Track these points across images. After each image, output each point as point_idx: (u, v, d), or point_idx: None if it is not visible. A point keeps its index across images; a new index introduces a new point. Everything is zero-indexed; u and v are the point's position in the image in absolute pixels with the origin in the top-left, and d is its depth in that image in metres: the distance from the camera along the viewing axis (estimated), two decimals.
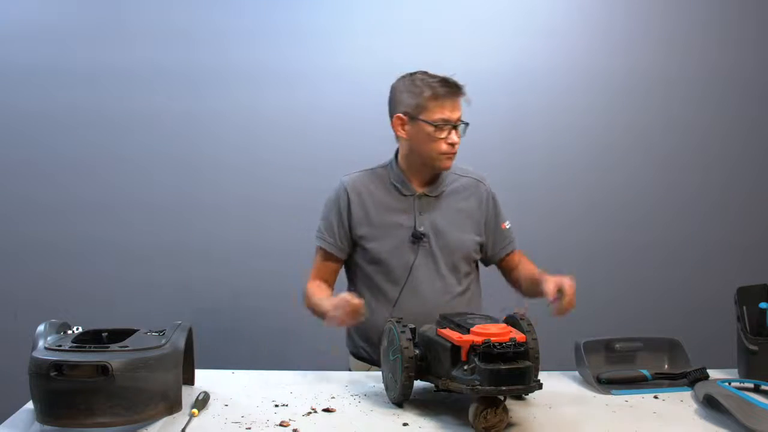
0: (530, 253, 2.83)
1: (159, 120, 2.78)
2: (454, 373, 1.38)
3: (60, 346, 1.35)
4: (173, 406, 1.40)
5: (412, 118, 1.82)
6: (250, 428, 1.36)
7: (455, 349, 1.38)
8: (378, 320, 1.77)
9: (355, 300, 1.62)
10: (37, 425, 1.33)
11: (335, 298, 1.69)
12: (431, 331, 1.49)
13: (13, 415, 1.43)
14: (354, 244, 1.90)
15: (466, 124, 1.83)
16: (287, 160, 2.78)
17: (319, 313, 1.77)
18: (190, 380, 1.60)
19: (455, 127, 1.80)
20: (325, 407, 1.49)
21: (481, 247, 1.94)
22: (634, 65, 2.87)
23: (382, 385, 1.59)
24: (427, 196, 1.88)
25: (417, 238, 1.84)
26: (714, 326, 2.87)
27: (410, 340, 1.46)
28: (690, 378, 1.64)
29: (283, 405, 1.50)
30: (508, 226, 1.98)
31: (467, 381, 1.32)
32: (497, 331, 1.35)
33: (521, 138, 2.86)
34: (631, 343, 1.76)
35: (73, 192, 2.77)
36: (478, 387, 1.29)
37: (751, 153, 2.93)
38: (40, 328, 1.47)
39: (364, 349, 1.91)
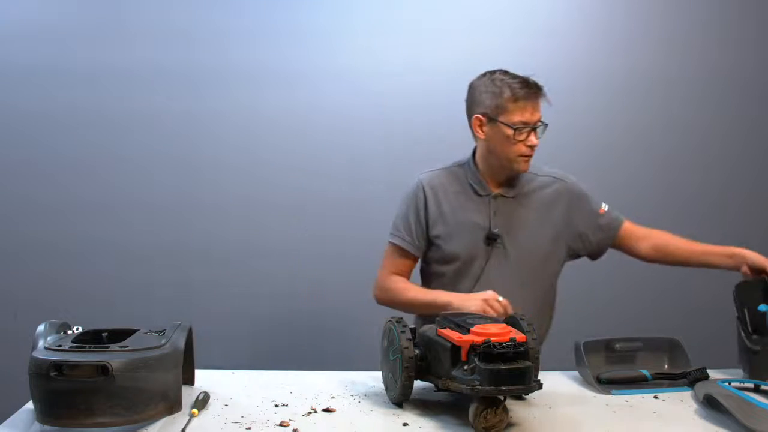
0: None
1: (159, 120, 2.78)
2: (454, 373, 1.37)
3: (60, 346, 1.35)
4: (173, 406, 1.40)
5: (491, 119, 1.81)
6: (250, 428, 1.36)
7: (455, 349, 1.38)
8: None
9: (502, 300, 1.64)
10: (37, 425, 1.33)
11: (480, 294, 1.67)
12: (431, 331, 1.49)
13: (13, 415, 1.43)
14: (429, 242, 1.89)
15: (546, 125, 1.82)
16: (287, 160, 2.78)
17: (435, 308, 1.71)
18: (190, 380, 1.60)
19: (534, 129, 1.79)
20: (325, 407, 1.49)
21: (588, 240, 1.92)
22: (634, 65, 2.87)
23: (382, 385, 1.59)
24: (504, 197, 1.88)
25: (491, 239, 1.83)
26: (714, 326, 2.87)
27: (410, 340, 1.46)
28: (690, 378, 1.64)
29: (283, 405, 1.50)
30: (606, 209, 1.95)
31: (467, 381, 1.32)
32: (497, 331, 1.35)
33: None
34: (631, 343, 1.76)
35: (73, 192, 2.77)
36: (478, 387, 1.29)
37: (751, 153, 2.93)
38: (40, 328, 1.46)
39: None
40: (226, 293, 2.78)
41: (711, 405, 1.45)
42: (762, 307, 1.67)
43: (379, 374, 1.63)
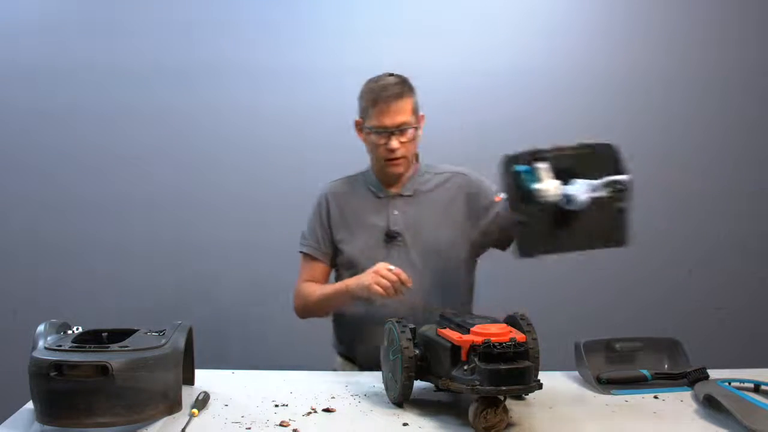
0: None
1: (159, 120, 2.78)
2: (454, 373, 1.38)
3: (60, 346, 1.35)
4: (173, 406, 1.40)
5: (362, 124, 1.86)
6: (250, 428, 1.36)
7: (455, 349, 1.38)
8: (356, 321, 1.85)
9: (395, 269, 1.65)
10: (37, 425, 1.33)
11: (371, 268, 1.69)
12: (431, 331, 1.49)
13: (13, 415, 1.43)
14: (335, 248, 1.93)
15: (415, 128, 1.83)
16: (287, 160, 2.78)
17: (339, 298, 1.80)
18: (189, 380, 1.60)
19: (393, 133, 1.80)
20: (325, 407, 1.49)
21: (477, 240, 1.89)
22: (634, 65, 2.87)
23: (382, 385, 1.59)
24: (402, 196, 1.90)
25: (390, 237, 1.86)
26: (714, 326, 2.88)
27: (410, 340, 1.46)
28: (690, 378, 1.64)
29: (283, 405, 1.50)
30: (503, 197, 1.87)
31: (467, 381, 1.32)
32: (497, 331, 1.35)
33: (521, 138, 2.84)
34: (631, 343, 1.76)
35: (73, 191, 2.77)
36: (478, 387, 1.29)
37: (751, 153, 2.92)
38: (40, 328, 1.46)
39: (350, 349, 1.94)
40: (226, 293, 2.78)
41: (711, 405, 1.45)
42: (519, 168, 1.45)
43: (379, 374, 1.63)
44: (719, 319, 2.89)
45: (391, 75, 1.86)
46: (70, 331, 1.49)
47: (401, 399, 1.47)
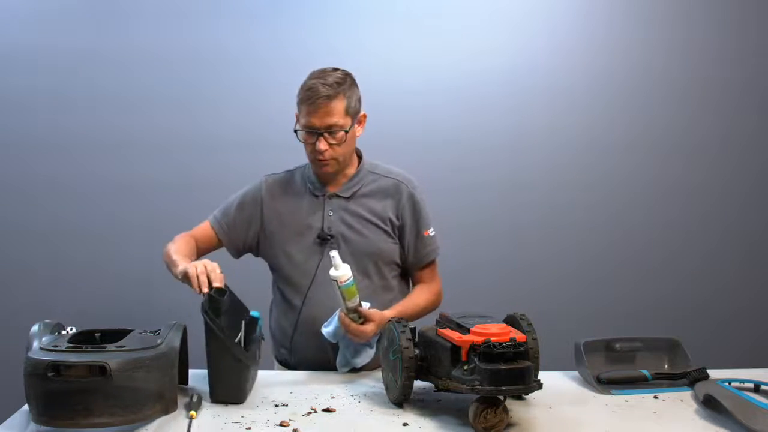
0: (530, 254, 2.85)
1: (159, 115, 2.77)
2: (454, 373, 1.37)
3: (56, 346, 1.35)
4: (169, 405, 1.40)
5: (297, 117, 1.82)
6: (250, 428, 1.36)
7: (455, 349, 1.38)
8: (288, 322, 1.84)
9: (217, 271, 1.56)
10: (33, 426, 1.33)
11: (199, 262, 1.59)
12: (431, 332, 1.49)
13: (12, 415, 1.43)
14: (265, 238, 1.88)
15: (345, 131, 1.76)
16: (287, 160, 2.77)
17: (172, 270, 1.70)
18: (183, 380, 1.60)
19: (322, 134, 1.74)
20: (325, 407, 1.48)
21: (404, 251, 1.88)
22: (634, 65, 2.87)
23: (382, 385, 1.59)
24: (338, 196, 1.85)
25: (323, 239, 1.82)
26: (714, 326, 2.88)
27: (410, 340, 1.46)
28: (690, 378, 1.63)
29: (283, 405, 1.50)
30: (431, 234, 1.89)
31: (467, 381, 1.32)
32: (497, 331, 1.34)
33: (521, 138, 2.86)
34: (631, 343, 1.76)
35: (72, 190, 2.77)
36: (478, 387, 1.29)
37: (751, 153, 2.92)
38: (34, 328, 1.46)
39: (283, 352, 1.91)
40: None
41: (711, 405, 1.45)
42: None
43: (379, 374, 1.63)
44: (719, 319, 2.89)
45: (336, 70, 1.78)
46: (64, 332, 1.49)
47: (401, 399, 1.47)
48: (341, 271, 1.61)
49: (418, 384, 1.49)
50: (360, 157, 1.92)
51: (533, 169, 2.86)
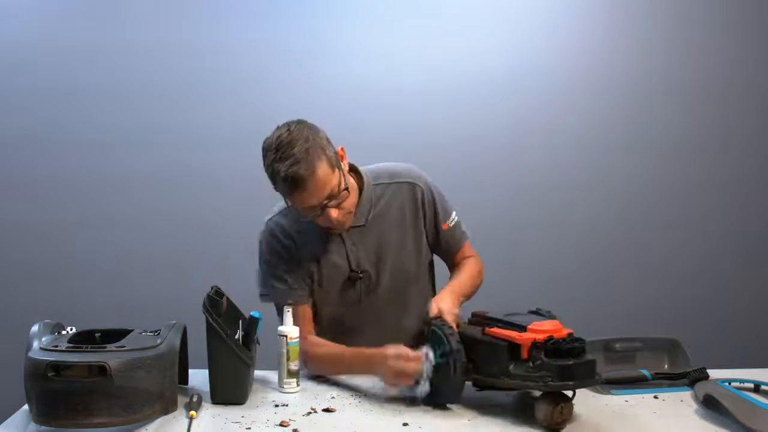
0: (530, 254, 2.85)
1: (160, 115, 2.78)
2: (514, 371, 1.37)
3: (56, 346, 1.35)
4: (169, 405, 1.41)
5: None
6: (250, 428, 1.36)
7: (513, 347, 1.38)
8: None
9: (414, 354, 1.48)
10: (33, 426, 1.33)
11: (392, 348, 1.50)
12: (473, 330, 1.49)
13: (12, 415, 1.43)
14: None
15: (344, 188, 1.62)
16: None
17: (366, 368, 1.60)
18: (183, 380, 1.60)
19: (326, 206, 1.61)
20: (325, 407, 1.48)
21: (433, 242, 1.82)
22: (634, 65, 2.87)
23: (382, 385, 1.58)
24: (354, 227, 1.73)
25: (354, 279, 1.74)
26: (714, 326, 2.88)
27: (460, 342, 1.45)
28: (690, 378, 1.63)
29: (283, 405, 1.50)
30: (452, 224, 1.82)
31: (535, 378, 1.33)
32: (552, 328, 1.37)
33: (521, 138, 2.86)
34: (631, 343, 1.76)
35: (73, 188, 2.77)
36: (550, 383, 1.31)
37: (751, 153, 2.92)
38: (34, 328, 1.46)
39: None
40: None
41: (711, 405, 1.44)
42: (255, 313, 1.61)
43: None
44: (719, 319, 2.89)
45: (289, 132, 1.58)
46: (63, 332, 1.49)
47: (455, 400, 1.46)
48: (291, 328, 1.61)
49: None
50: (358, 173, 1.77)
51: (533, 169, 2.86)
